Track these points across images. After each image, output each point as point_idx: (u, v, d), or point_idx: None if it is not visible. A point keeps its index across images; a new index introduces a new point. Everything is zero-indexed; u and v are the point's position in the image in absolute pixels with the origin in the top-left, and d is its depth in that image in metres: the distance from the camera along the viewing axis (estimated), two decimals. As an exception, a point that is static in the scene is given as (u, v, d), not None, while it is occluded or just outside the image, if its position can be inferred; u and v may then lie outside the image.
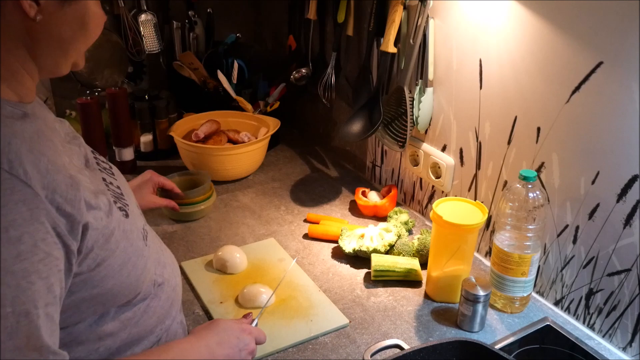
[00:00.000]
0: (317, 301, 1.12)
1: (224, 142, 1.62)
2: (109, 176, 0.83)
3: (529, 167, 1.12)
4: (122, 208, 0.78)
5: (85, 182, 0.69)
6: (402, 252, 1.23)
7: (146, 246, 0.81)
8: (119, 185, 0.83)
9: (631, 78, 0.90)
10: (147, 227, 0.87)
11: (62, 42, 0.68)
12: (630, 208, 0.95)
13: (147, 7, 1.78)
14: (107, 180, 0.80)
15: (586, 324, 1.08)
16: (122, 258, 0.74)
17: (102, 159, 0.87)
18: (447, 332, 1.06)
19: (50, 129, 0.71)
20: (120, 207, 0.77)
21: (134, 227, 0.78)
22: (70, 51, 0.70)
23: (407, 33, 1.31)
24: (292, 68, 1.73)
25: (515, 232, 1.06)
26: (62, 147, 0.71)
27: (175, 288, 0.91)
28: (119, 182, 0.85)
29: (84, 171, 0.74)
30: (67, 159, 0.70)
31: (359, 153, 1.69)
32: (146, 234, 0.83)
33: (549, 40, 1.02)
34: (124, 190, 0.83)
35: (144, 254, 0.79)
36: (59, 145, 0.70)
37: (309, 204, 1.51)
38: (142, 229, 0.83)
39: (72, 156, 0.73)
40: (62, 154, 0.69)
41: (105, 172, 0.83)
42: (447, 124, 1.32)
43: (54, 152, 0.66)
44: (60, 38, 0.68)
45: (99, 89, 1.72)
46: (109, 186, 0.79)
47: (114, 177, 0.84)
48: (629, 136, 0.93)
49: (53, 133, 0.71)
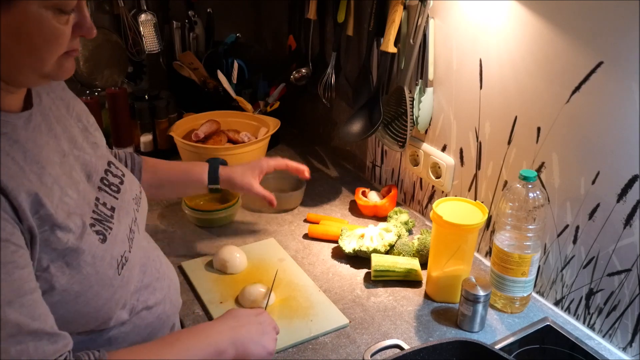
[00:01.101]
0: (317, 301, 1.12)
1: (224, 142, 1.62)
2: (110, 195, 0.81)
3: (529, 167, 1.12)
4: (100, 232, 0.75)
5: (66, 195, 0.71)
6: (402, 252, 1.23)
7: (118, 275, 0.76)
8: (114, 206, 0.80)
9: (631, 78, 0.90)
10: (132, 254, 0.81)
11: (3, 52, 0.63)
12: (630, 208, 0.95)
13: (147, 7, 1.78)
14: (100, 200, 0.78)
15: (586, 324, 1.08)
16: (82, 286, 0.71)
17: (117, 171, 0.86)
18: (447, 332, 1.06)
19: (43, 141, 0.71)
20: (97, 230, 0.74)
21: (107, 254, 0.74)
22: (18, 63, 0.65)
23: (407, 33, 1.31)
24: (292, 68, 1.73)
25: (515, 232, 1.06)
26: (53, 161, 0.72)
27: (160, 315, 0.87)
28: (121, 201, 0.83)
29: (76, 186, 0.74)
30: (54, 172, 0.71)
31: (359, 153, 1.69)
32: (124, 263, 0.78)
33: (549, 40, 1.02)
34: (118, 212, 0.80)
35: (112, 284, 0.75)
36: (49, 158, 0.71)
37: (309, 204, 1.51)
38: (121, 257, 0.77)
39: (61, 175, 0.73)
40: (47, 167, 0.70)
41: (107, 188, 0.81)
42: (447, 124, 1.32)
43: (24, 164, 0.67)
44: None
45: (99, 89, 1.72)
46: (97, 206, 0.77)
47: (116, 196, 0.82)
48: (629, 136, 0.93)
49: (46, 147, 0.71)
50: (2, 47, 0.63)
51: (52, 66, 0.67)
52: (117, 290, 0.76)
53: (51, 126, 0.75)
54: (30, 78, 0.68)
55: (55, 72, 0.68)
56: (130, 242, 0.82)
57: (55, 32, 0.65)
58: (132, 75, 1.88)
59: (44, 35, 0.64)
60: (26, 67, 0.66)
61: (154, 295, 0.86)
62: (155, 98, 1.71)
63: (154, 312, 0.85)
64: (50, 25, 0.64)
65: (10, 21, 0.62)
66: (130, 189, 0.88)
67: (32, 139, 0.70)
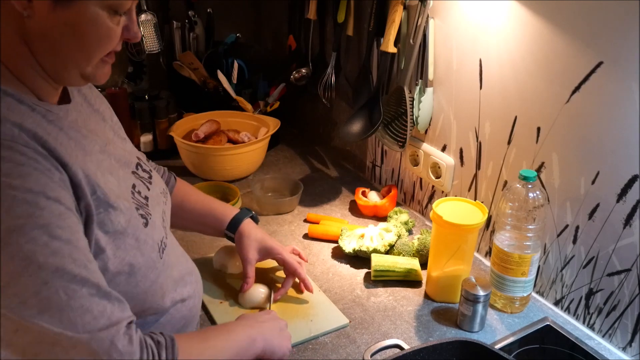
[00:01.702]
0: (317, 301, 1.12)
1: (224, 142, 1.62)
2: (143, 184, 0.84)
3: (529, 167, 1.12)
4: (144, 216, 0.78)
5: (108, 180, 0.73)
6: (402, 252, 1.23)
7: (160, 259, 0.80)
8: (147, 195, 0.83)
9: (631, 78, 0.90)
10: (169, 241, 0.85)
11: (54, 46, 0.67)
12: (630, 208, 0.95)
13: (147, 7, 1.77)
14: (136, 187, 0.81)
15: (586, 324, 1.08)
16: (131, 268, 0.73)
17: (145, 166, 0.89)
18: (447, 332, 1.06)
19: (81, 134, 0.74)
20: (141, 214, 0.78)
21: (149, 237, 0.78)
22: (65, 58, 0.69)
23: (407, 33, 1.31)
24: (292, 68, 1.73)
25: (515, 232, 1.06)
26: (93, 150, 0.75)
27: (192, 309, 0.90)
28: (152, 192, 0.85)
29: (116, 172, 0.77)
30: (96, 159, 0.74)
31: (359, 153, 1.69)
32: (164, 247, 0.82)
33: (549, 40, 1.02)
34: (151, 201, 0.83)
35: (156, 267, 0.78)
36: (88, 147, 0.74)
37: (309, 204, 1.51)
38: (160, 242, 0.81)
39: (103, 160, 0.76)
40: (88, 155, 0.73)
41: (140, 179, 0.84)
42: (447, 124, 1.32)
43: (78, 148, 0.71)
44: (52, 41, 0.67)
45: (99, 89, 1.72)
46: (134, 194, 0.80)
47: (148, 186, 0.85)
48: (629, 136, 0.93)
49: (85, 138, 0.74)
50: (55, 42, 0.67)
51: (93, 67, 0.71)
52: (160, 274, 0.79)
53: (85, 122, 0.78)
54: (73, 75, 0.71)
55: (94, 73, 0.72)
56: (165, 230, 0.85)
57: (109, 32, 0.69)
58: (132, 75, 1.88)
59: (98, 33, 0.68)
60: (72, 63, 0.69)
61: (186, 289, 0.88)
62: (155, 98, 1.71)
63: (187, 305, 0.88)
64: (104, 24, 0.68)
65: (69, 17, 0.65)
66: (158, 184, 0.91)
67: (74, 128, 0.73)
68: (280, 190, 1.54)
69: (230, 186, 1.47)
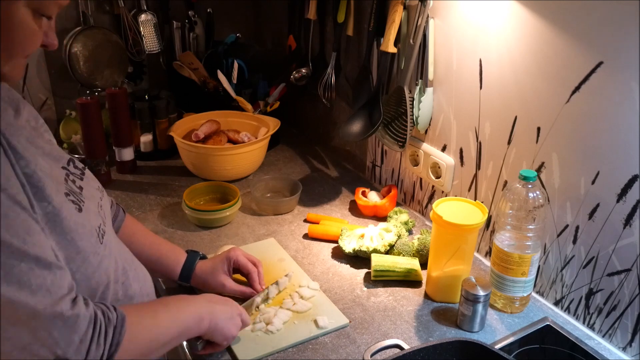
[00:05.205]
0: (317, 301, 1.12)
1: (224, 142, 1.62)
2: (76, 175, 0.84)
3: (529, 167, 1.12)
4: (75, 202, 0.77)
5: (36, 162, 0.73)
6: (402, 252, 1.23)
7: (101, 244, 0.79)
8: (81, 186, 0.83)
9: (631, 78, 0.90)
10: (106, 229, 0.84)
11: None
12: (630, 208, 0.95)
13: (147, 7, 1.78)
14: (70, 177, 0.81)
15: (586, 324, 1.08)
16: (68, 252, 0.73)
17: (77, 164, 0.87)
18: (447, 332, 1.06)
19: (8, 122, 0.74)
20: (72, 200, 0.77)
21: (86, 222, 0.77)
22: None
23: (407, 33, 1.31)
24: (292, 68, 1.73)
25: (515, 232, 1.06)
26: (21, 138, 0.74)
27: None
28: (85, 183, 0.85)
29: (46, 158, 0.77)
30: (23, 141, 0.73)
31: (359, 153, 1.69)
32: (102, 233, 0.81)
33: (549, 40, 1.02)
34: (86, 192, 0.83)
35: (97, 252, 0.78)
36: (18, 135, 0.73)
37: (309, 204, 1.51)
38: (98, 227, 0.81)
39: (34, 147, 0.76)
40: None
41: (72, 174, 0.83)
42: (447, 124, 1.32)
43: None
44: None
45: (99, 89, 1.72)
46: (67, 182, 0.79)
47: (81, 177, 0.85)
48: (629, 136, 0.93)
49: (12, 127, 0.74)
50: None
51: (10, 66, 0.70)
52: (103, 260, 0.79)
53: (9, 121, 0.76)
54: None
55: (10, 72, 0.71)
56: (103, 220, 0.85)
57: (33, 33, 0.69)
58: (132, 75, 1.88)
59: (23, 33, 0.68)
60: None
61: (132, 288, 0.88)
62: (155, 98, 1.72)
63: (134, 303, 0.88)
64: (29, 25, 0.68)
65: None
66: (92, 181, 0.89)
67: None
68: (280, 190, 1.54)
69: (230, 186, 1.47)
